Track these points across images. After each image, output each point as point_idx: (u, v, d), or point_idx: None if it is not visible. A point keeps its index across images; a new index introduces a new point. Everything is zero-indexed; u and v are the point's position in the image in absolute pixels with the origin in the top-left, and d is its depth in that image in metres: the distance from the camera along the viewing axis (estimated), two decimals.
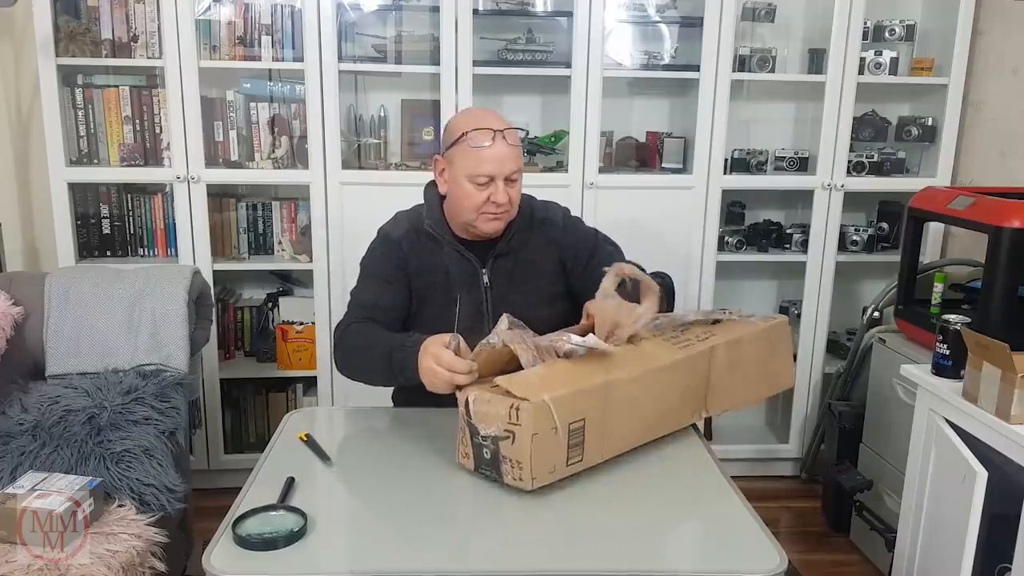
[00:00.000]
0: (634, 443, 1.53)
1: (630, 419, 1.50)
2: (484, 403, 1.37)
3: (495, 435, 1.36)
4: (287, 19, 2.67)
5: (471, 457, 1.43)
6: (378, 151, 2.86)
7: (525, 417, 1.32)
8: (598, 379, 1.43)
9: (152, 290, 2.19)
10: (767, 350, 1.74)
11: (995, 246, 2.08)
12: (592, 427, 1.42)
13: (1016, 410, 1.66)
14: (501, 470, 1.38)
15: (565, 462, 1.39)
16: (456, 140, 1.72)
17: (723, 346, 1.63)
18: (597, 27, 2.65)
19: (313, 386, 2.90)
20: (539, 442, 1.34)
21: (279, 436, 1.67)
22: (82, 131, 2.68)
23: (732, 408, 1.71)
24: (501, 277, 1.81)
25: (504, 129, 1.71)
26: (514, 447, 1.35)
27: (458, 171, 1.72)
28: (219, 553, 1.24)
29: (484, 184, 1.70)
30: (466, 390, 1.41)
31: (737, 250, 2.94)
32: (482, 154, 1.69)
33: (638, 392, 1.49)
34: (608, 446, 1.47)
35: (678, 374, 1.56)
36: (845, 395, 2.82)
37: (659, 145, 2.92)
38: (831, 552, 2.64)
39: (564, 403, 1.36)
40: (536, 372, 1.42)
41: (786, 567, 1.24)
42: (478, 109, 1.91)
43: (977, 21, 2.77)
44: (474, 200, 1.72)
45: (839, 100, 2.80)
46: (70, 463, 1.82)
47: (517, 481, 1.37)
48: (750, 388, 1.73)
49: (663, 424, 1.58)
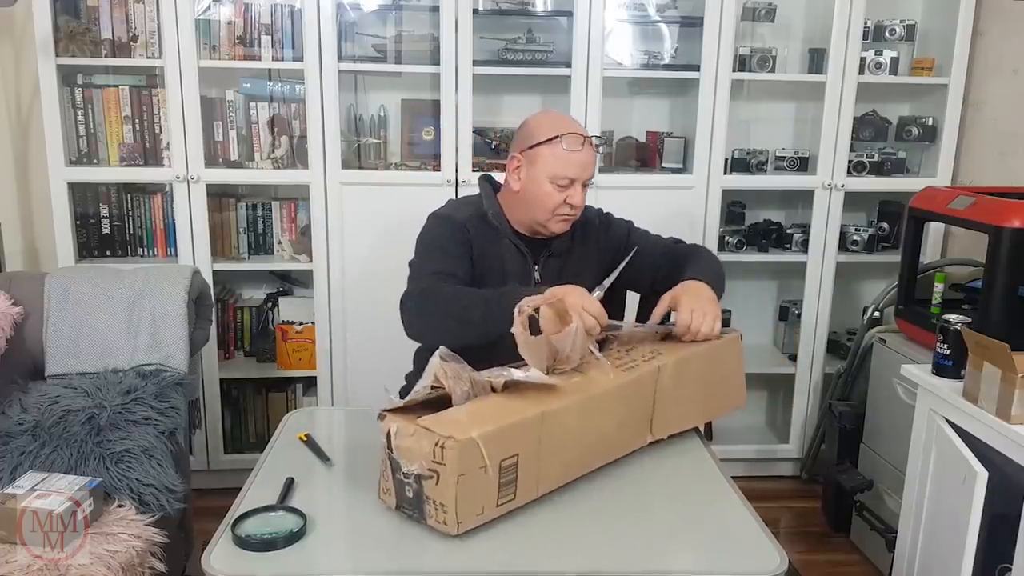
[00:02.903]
0: (573, 475, 1.43)
1: (568, 450, 1.40)
2: (408, 436, 1.25)
3: (418, 473, 1.24)
4: (287, 19, 2.67)
5: (392, 494, 1.32)
6: (378, 151, 2.86)
7: (451, 456, 1.20)
8: (532, 411, 1.32)
9: (152, 290, 2.19)
10: (717, 368, 1.67)
11: (995, 246, 2.08)
12: (526, 462, 1.31)
13: (1016, 410, 1.66)
14: (424, 511, 1.27)
15: (495, 503, 1.29)
16: (545, 141, 1.76)
17: (670, 366, 1.55)
18: (597, 27, 2.65)
19: (313, 386, 2.89)
20: (466, 483, 1.22)
21: (279, 436, 1.67)
22: (82, 131, 2.68)
23: (679, 429, 1.63)
24: (551, 275, 1.84)
25: (592, 136, 1.81)
26: (438, 488, 1.23)
27: (540, 171, 1.76)
28: (219, 553, 1.24)
29: (565, 186, 1.75)
30: (389, 419, 1.29)
31: (737, 250, 2.94)
32: (572, 157, 1.74)
33: (576, 422, 1.40)
34: (544, 481, 1.37)
35: (621, 399, 1.47)
36: (845, 395, 2.82)
37: (659, 145, 2.92)
38: (831, 552, 2.64)
39: (495, 439, 1.25)
40: (464, 409, 1.32)
41: (786, 567, 1.24)
42: (558, 113, 1.96)
43: (977, 21, 2.77)
44: (553, 200, 1.76)
45: (839, 100, 2.79)
46: (70, 463, 1.82)
47: (441, 524, 1.25)
48: (698, 409, 1.66)
49: (605, 452, 1.49)
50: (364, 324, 2.77)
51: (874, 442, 2.59)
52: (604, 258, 1.90)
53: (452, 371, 1.34)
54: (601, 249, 1.91)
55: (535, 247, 1.85)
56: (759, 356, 3.13)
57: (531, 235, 1.85)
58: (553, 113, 1.98)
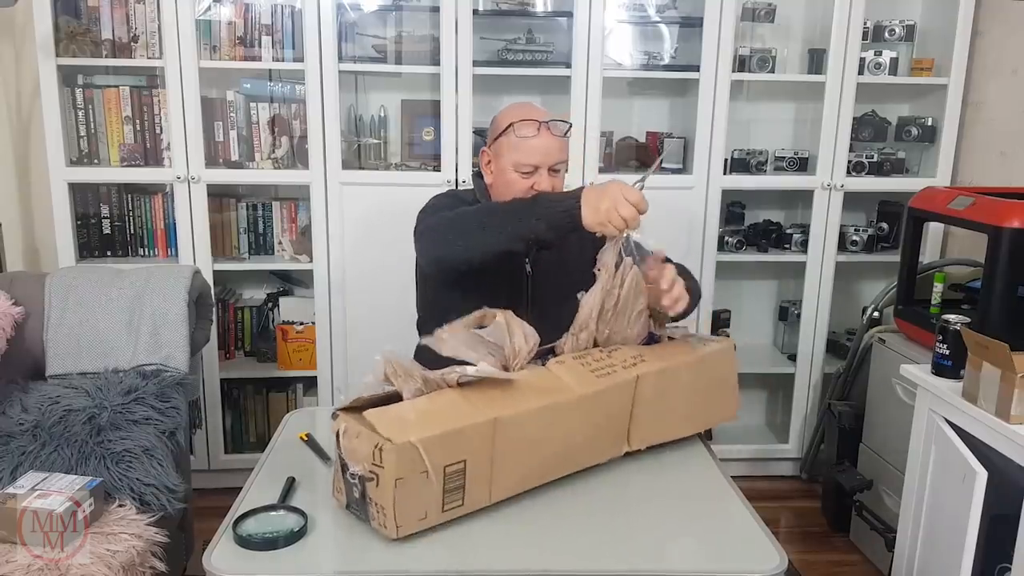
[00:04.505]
0: (535, 482, 1.39)
1: (528, 457, 1.35)
2: (353, 437, 1.24)
3: (361, 475, 1.24)
4: (287, 19, 2.67)
5: (344, 493, 1.31)
6: (378, 151, 2.86)
7: (388, 459, 1.18)
8: (482, 417, 1.27)
9: (152, 290, 2.19)
10: (707, 378, 1.60)
11: (995, 246, 2.08)
12: (477, 469, 1.28)
13: (1016, 410, 1.66)
14: (368, 512, 1.26)
15: (440, 508, 1.26)
16: (503, 131, 1.77)
17: (652, 375, 1.48)
18: (597, 27, 2.66)
19: (313, 386, 2.90)
20: (405, 487, 1.20)
21: (279, 436, 1.67)
22: (82, 131, 2.68)
23: (660, 441, 1.57)
24: (542, 268, 1.85)
25: (548, 120, 1.75)
26: (378, 490, 1.22)
27: (504, 160, 1.78)
28: (219, 553, 1.24)
29: (528, 173, 1.75)
30: (341, 418, 1.27)
31: (737, 250, 2.95)
32: (529, 144, 1.74)
33: (536, 429, 1.34)
34: (499, 488, 1.33)
35: (591, 407, 1.41)
36: (845, 395, 2.82)
37: (659, 145, 2.92)
38: (831, 552, 2.64)
39: (437, 444, 1.22)
40: (413, 405, 1.28)
41: (786, 567, 1.24)
42: (522, 103, 1.93)
43: (977, 21, 2.77)
44: (518, 188, 1.76)
45: (839, 100, 2.80)
46: (70, 463, 1.82)
47: (382, 528, 1.24)
48: (683, 420, 1.60)
49: (573, 460, 1.44)
50: (364, 324, 2.78)
51: (874, 442, 2.59)
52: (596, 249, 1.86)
53: (401, 369, 1.31)
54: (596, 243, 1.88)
55: None
56: (759, 356, 3.14)
57: None
58: (515, 104, 1.97)
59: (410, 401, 1.29)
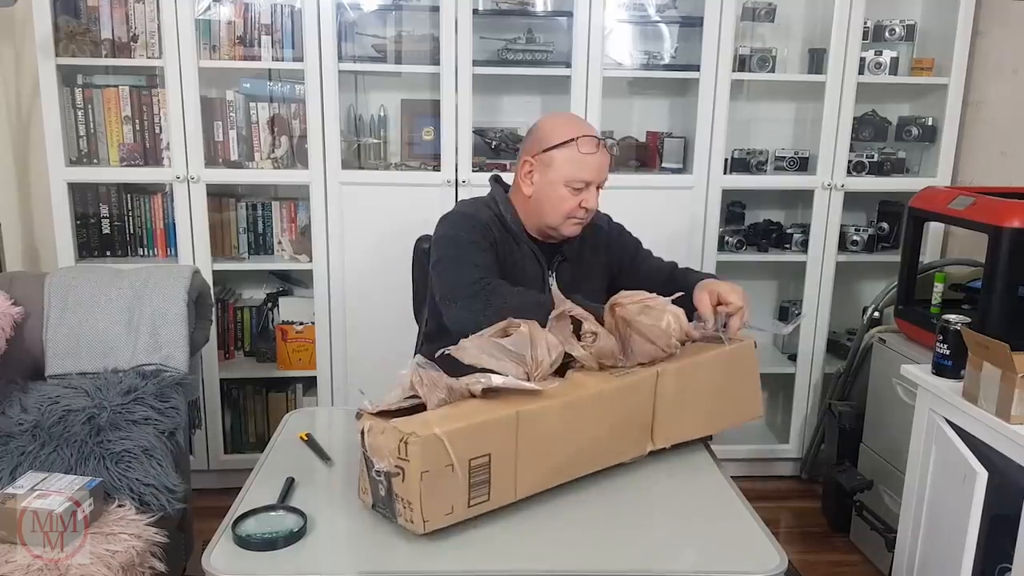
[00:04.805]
0: (559, 479, 1.39)
1: (551, 453, 1.36)
2: (378, 434, 1.25)
3: (387, 471, 1.25)
4: (287, 19, 2.67)
5: (369, 493, 1.31)
6: (378, 151, 2.86)
7: (414, 451, 1.20)
8: (505, 411, 1.29)
9: (152, 290, 2.19)
10: (728, 376, 1.61)
11: (995, 246, 2.08)
12: (501, 463, 1.29)
13: (1016, 410, 1.66)
14: (395, 509, 1.26)
15: (466, 503, 1.27)
16: (559, 144, 1.73)
17: (672, 372, 1.50)
18: (597, 27, 2.65)
19: (313, 386, 2.89)
20: (431, 480, 1.21)
21: (279, 436, 1.67)
22: (82, 131, 2.68)
23: (687, 438, 1.58)
24: (564, 280, 1.84)
25: (605, 139, 1.76)
26: (404, 485, 1.23)
27: (555, 174, 1.74)
28: (219, 553, 1.24)
29: (580, 189, 1.73)
30: (365, 417, 1.29)
31: (737, 250, 2.94)
32: (588, 160, 1.72)
33: (558, 424, 1.36)
34: (524, 484, 1.34)
35: (613, 404, 1.43)
36: (845, 395, 2.82)
37: (659, 145, 2.92)
38: (831, 552, 2.64)
39: (461, 437, 1.23)
40: (438, 411, 1.29)
41: (786, 567, 1.24)
42: (569, 114, 1.92)
43: (977, 21, 2.77)
44: (568, 204, 1.74)
45: (839, 100, 2.79)
46: (70, 463, 1.82)
47: (409, 523, 1.24)
48: (708, 417, 1.60)
49: (598, 458, 1.45)
50: (364, 324, 2.77)
51: (874, 442, 2.59)
52: (612, 260, 1.89)
53: (428, 379, 1.32)
54: (612, 255, 1.90)
55: (548, 252, 1.84)
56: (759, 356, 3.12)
57: (542, 239, 1.83)
58: (565, 115, 1.96)
59: (431, 411, 1.30)
